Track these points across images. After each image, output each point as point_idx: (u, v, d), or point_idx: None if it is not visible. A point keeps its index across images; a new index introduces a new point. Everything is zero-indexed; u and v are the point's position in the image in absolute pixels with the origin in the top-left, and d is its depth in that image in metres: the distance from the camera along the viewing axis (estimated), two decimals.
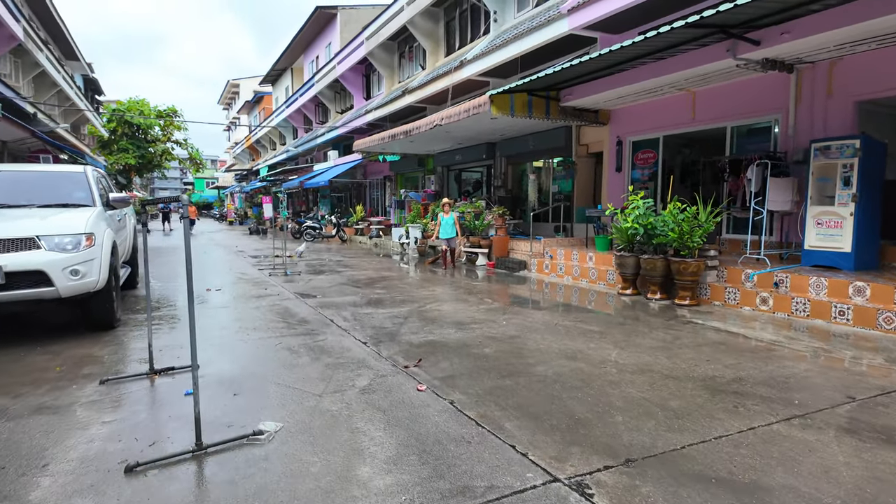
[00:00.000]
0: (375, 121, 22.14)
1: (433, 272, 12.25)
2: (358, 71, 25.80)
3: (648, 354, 5.37)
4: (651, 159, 11.87)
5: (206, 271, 12.10)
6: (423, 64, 20.39)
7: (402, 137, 15.10)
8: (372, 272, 12.00)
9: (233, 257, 15.30)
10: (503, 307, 7.96)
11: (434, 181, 19.83)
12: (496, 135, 15.24)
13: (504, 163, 16.42)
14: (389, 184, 24.06)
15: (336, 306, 7.88)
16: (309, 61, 34.25)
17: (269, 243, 21.03)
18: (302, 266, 13.24)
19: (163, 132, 25.42)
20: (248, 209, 44.15)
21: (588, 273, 10.38)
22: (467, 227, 13.68)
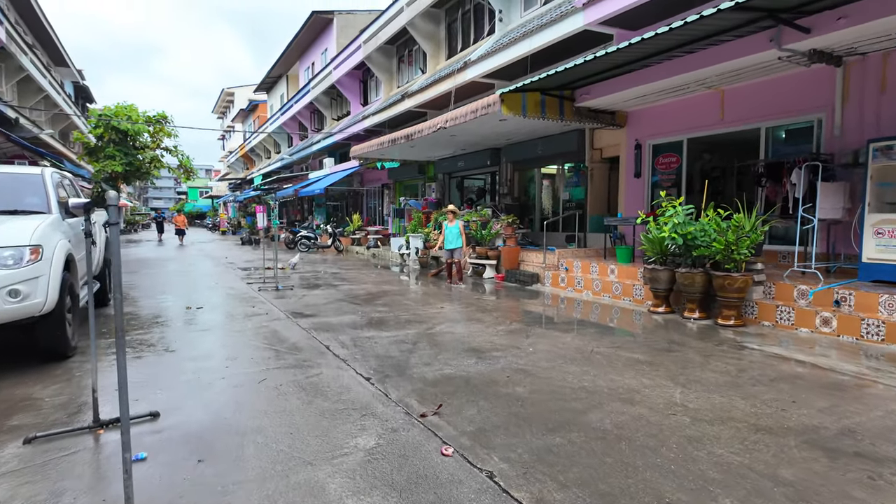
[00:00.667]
0: (373, 127, 21.15)
1: (437, 286, 11.19)
2: (355, 76, 24.85)
3: (718, 393, 4.33)
4: (673, 164, 10.90)
5: (190, 286, 11.00)
6: (423, 68, 19.45)
7: (403, 142, 14.10)
8: (371, 286, 10.93)
9: (221, 270, 14.19)
10: (524, 328, 6.90)
11: (435, 189, 18.82)
12: (502, 139, 14.26)
13: (510, 169, 15.44)
14: (387, 192, 23.04)
15: (332, 328, 6.80)
16: (304, 68, 33.31)
17: (261, 254, 19.90)
18: (295, 279, 12.15)
19: (152, 139, 24.30)
20: (241, 219, 43.00)
21: (611, 287, 9.35)
22: (473, 237, 12.65)
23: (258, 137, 41.55)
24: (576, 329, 6.93)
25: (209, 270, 14.03)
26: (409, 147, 15.62)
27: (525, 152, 14.19)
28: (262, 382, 4.60)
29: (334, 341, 6.10)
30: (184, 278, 12.18)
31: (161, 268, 14.60)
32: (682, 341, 6.20)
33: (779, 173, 8.62)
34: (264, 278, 11.77)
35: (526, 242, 13.04)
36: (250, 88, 48.17)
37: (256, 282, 11.47)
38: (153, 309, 8.22)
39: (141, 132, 23.11)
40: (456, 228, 11.54)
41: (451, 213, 11.97)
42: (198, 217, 59.19)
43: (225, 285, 11.07)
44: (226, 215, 43.10)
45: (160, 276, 12.64)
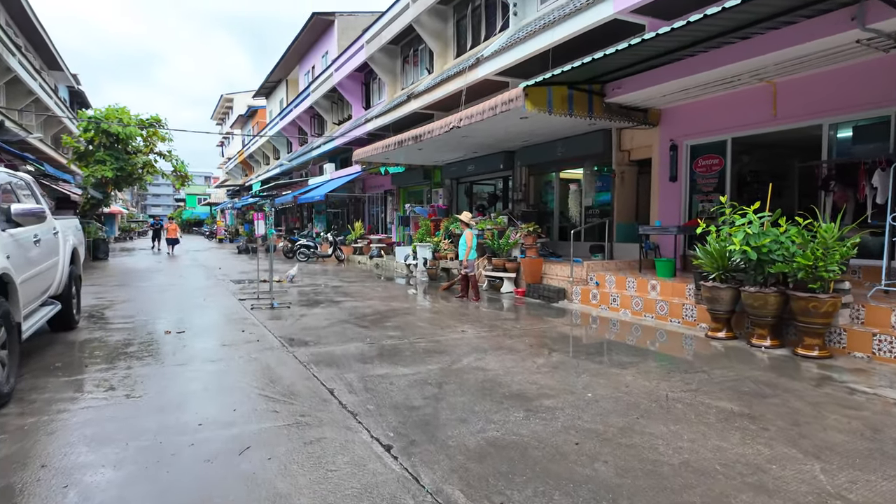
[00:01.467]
0: (376, 130, 19.96)
1: (451, 302, 9.95)
2: (357, 79, 23.71)
3: (871, 470, 3.09)
4: (715, 166, 9.70)
5: (175, 303, 9.74)
6: (429, 68, 18.30)
7: (411, 144, 12.90)
8: (378, 302, 9.69)
9: (212, 284, 12.92)
10: (569, 361, 5.66)
11: (442, 195, 17.60)
12: (518, 141, 13.06)
13: (525, 173, 14.23)
14: (391, 198, 21.83)
15: (337, 362, 5.55)
16: (304, 72, 32.20)
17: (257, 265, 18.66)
18: (293, 294, 10.90)
19: (145, 143, 23.05)
20: (239, 226, 41.74)
21: (654, 306, 8.11)
22: (489, 248, 11.41)
23: (257, 143, 40.39)
24: (632, 362, 5.68)
25: (199, 284, 12.76)
26: (416, 150, 14.43)
27: (543, 155, 12.99)
28: (243, 454, 3.35)
29: (340, 382, 4.85)
30: (170, 293, 10.91)
31: (147, 281, 13.33)
32: (769, 380, 4.95)
33: (851, 176, 7.42)
34: (258, 293, 10.51)
35: (546, 253, 11.80)
36: (249, 94, 47.09)
37: (250, 297, 10.21)
38: (126, 333, 6.96)
39: (133, 136, 21.82)
40: (474, 238, 10.37)
41: (465, 221, 10.77)
42: (196, 224, 57.90)
43: (215, 302, 9.81)
44: (223, 222, 41.84)
45: (144, 290, 11.37)
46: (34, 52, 30.99)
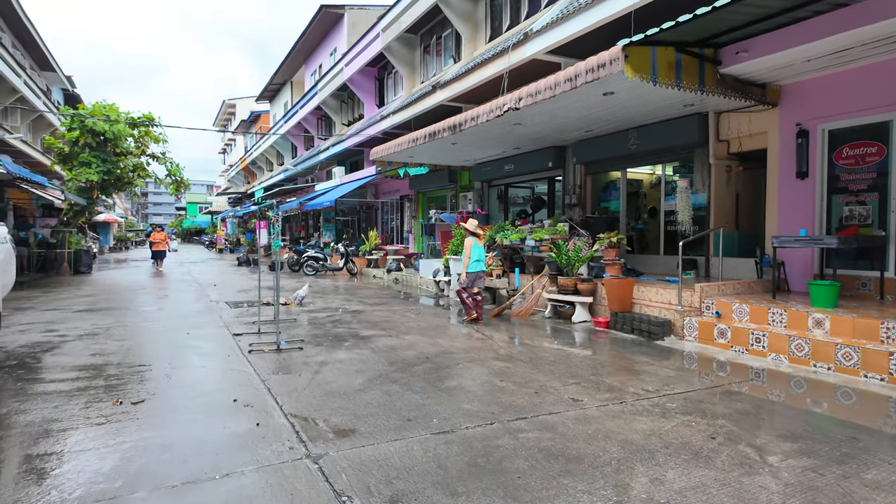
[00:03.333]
0: (393, 128, 17.42)
1: (514, 334, 7.34)
2: (369, 74, 21.23)
3: None
4: (871, 157, 7.14)
5: (148, 341, 7.14)
6: (455, 56, 15.81)
7: (446, 136, 10.34)
8: (420, 338, 7.08)
9: (203, 308, 10.29)
10: (797, 475, 3.05)
11: (472, 199, 15.03)
12: (575, 132, 10.51)
13: (581, 172, 11.65)
14: (409, 204, 19.25)
15: (403, 494, 2.93)
16: (310, 72, 29.75)
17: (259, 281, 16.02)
18: (304, 323, 8.30)
19: (136, 144, 20.50)
20: (240, 235, 39.17)
21: (830, 353, 5.50)
22: (552, 263, 8.82)
23: (260, 149, 37.90)
24: (871, 471, 3.06)
25: (187, 308, 10.12)
26: (448, 145, 11.89)
27: (607, 149, 10.42)
28: None
29: None
30: (146, 325, 8.30)
31: (124, 304, 10.71)
32: None
33: None
34: (260, 324, 7.90)
35: (624, 270, 9.19)
36: (252, 100, 44.71)
37: (249, 332, 7.59)
38: (51, 405, 4.33)
39: (122, 135, 19.27)
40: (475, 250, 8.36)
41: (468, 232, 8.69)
42: (197, 233, 55.24)
43: (201, 340, 7.18)
44: (223, 231, 39.25)
45: (114, 319, 8.76)
46: (23, 49, 28.57)
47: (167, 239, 20.56)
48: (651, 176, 11.17)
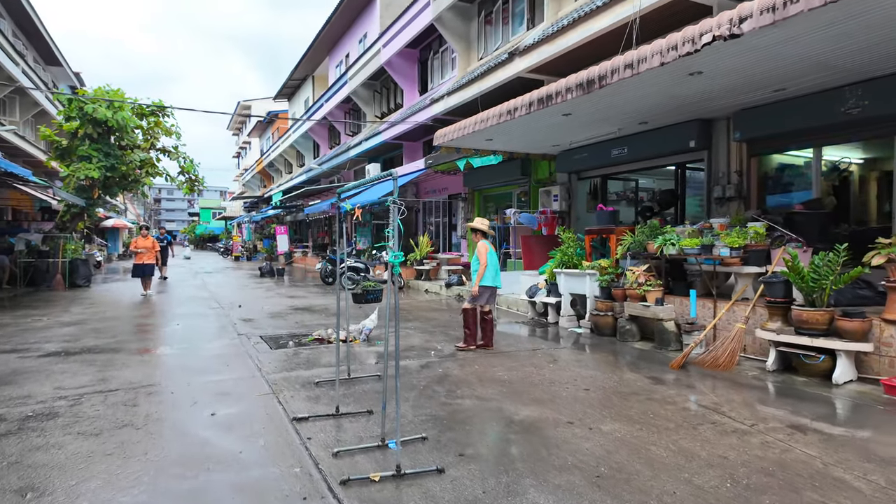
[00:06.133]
0: (446, 113, 14.22)
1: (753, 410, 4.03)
2: (411, 57, 18.04)
3: None
4: None
5: (135, 439, 3.86)
6: (531, 20, 12.58)
7: (571, 98, 7.11)
8: (619, 426, 3.84)
9: (228, 347, 7.02)
10: None
11: (559, 196, 11.72)
12: (757, 91, 7.19)
13: (744, 153, 8.32)
14: (463, 205, 15.96)
15: None
16: (335, 63, 26.63)
17: (295, 300, 12.80)
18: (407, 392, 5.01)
19: (145, 137, 17.38)
20: (257, 242, 36.05)
21: None
22: (780, 285, 5.49)
23: (278, 149, 34.79)
24: None
25: (206, 349, 6.86)
26: (553, 120, 8.62)
27: (798, 116, 7.05)
28: None
29: None
30: (142, 389, 5.05)
31: (120, 335, 7.48)
32: None
33: None
34: (327, 389, 4.61)
35: (865, 293, 5.81)
36: (268, 101, 41.74)
37: (316, 411, 4.30)
38: None
39: (128, 125, 16.14)
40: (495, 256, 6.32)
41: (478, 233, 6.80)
42: (210, 240, 52.15)
43: (236, 434, 3.90)
44: (239, 238, 36.14)
45: (97, 367, 5.51)
46: (25, 39, 25.65)
47: (157, 247, 13.57)
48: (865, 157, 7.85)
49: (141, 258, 12.89)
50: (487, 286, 6.64)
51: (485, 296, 6.66)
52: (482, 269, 6.57)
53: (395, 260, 3.22)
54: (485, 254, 6.57)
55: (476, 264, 6.66)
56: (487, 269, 6.56)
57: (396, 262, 3.23)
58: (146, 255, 12.93)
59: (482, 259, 6.56)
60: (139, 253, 12.92)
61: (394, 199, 3.24)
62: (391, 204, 3.24)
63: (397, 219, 3.28)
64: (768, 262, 6.39)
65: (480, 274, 6.56)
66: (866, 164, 8.47)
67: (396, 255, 3.21)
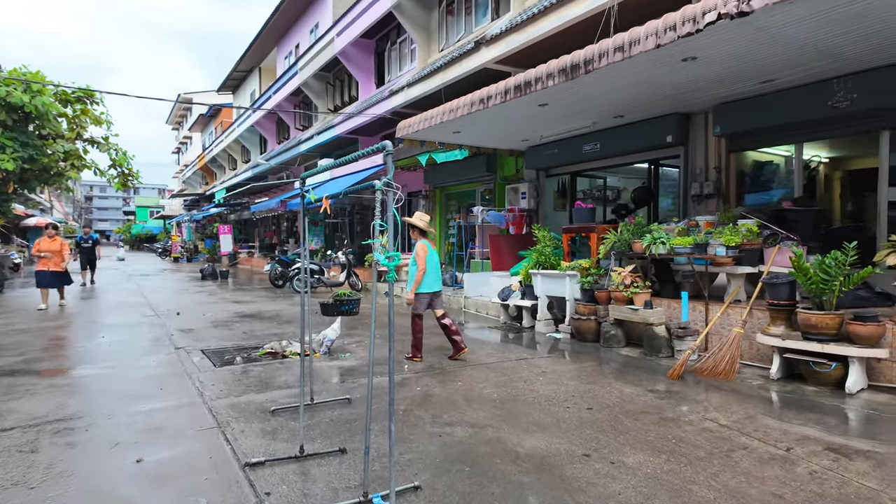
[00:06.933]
0: (407, 106, 13.45)
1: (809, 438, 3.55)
2: (367, 48, 17.13)
3: None
4: None
5: None
6: (496, 10, 12.01)
7: (552, 84, 6.58)
8: (616, 445, 3.21)
9: (163, 365, 6.01)
10: None
11: (526, 193, 11.18)
12: (739, 83, 6.86)
13: (723, 149, 8.00)
14: (424, 203, 15.20)
15: None
16: (284, 55, 25.25)
17: (238, 303, 11.69)
18: (357, 406, 4.21)
19: (70, 125, 15.65)
20: (198, 242, 33.95)
21: None
22: (784, 287, 5.09)
23: (221, 144, 32.88)
24: None
25: (137, 368, 5.81)
26: (528, 111, 8.06)
27: (782, 110, 6.77)
28: None
29: None
30: (37, 443, 4.03)
31: (25, 353, 6.28)
32: None
33: None
34: (286, 418, 3.79)
35: (871, 296, 5.51)
36: (211, 94, 39.45)
37: (274, 452, 3.46)
38: None
39: (49, 112, 14.43)
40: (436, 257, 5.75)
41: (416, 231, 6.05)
42: (147, 240, 48.88)
43: (167, 484, 3.02)
44: (179, 238, 33.91)
45: None
46: None
47: (65, 250, 10.71)
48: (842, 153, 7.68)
49: (45, 264, 10.32)
50: (425, 293, 5.84)
51: (423, 303, 5.87)
52: (419, 273, 5.77)
53: (390, 263, 2.46)
54: (423, 256, 5.77)
55: (413, 268, 5.88)
56: (427, 274, 5.80)
57: (392, 266, 2.47)
58: (52, 261, 10.33)
59: (420, 262, 5.76)
60: (43, 258, 10.38)
61: (388, 181, 2.48)
62: (383, 189, 2.47)
63: (393, 208, 2.52)
64: (760, 262, 6.03)
65: (417, 280, 5.77)
66: (837, 161, 8.37)
67: (392, 255, 2.45)
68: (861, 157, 8.26)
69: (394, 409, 2.62)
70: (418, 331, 5.95)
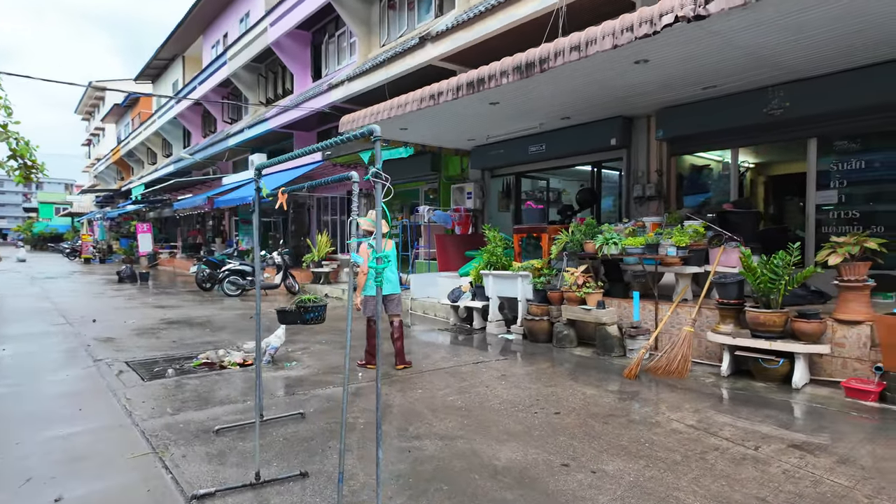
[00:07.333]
0: (347, 101, 13.03)
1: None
2: (303, 39, 16.43)
3: None
4: None
5: None
6: (440, 7, 11.83)
7: (507, 82, 6.49)
8: (592, 453, 3.12)
9: (81, 380, 5.32)
10: None
11: (473, 193, 11.07)
12: (667, 92, 7.08)
13: (665, 153, 8.22)
14: (365, 201, 14.73)
15: None
16: (211, 44, 23.81)
17: (163, 308, 10.80)
18: (321, 426, 3.87)
19: None
20: (113, 241, 31.40)
21: None
22: (733, 286, 5.24)
23: (139, 137, 30.59)
24: None
25: (46, 381, 5.08)
26: (479, 109, 7.93)
27: (723, 116, 7.06)
28: None
29: None
30: None
31: None
32: None
33: None
34: (236, 440, 3.38)
35: (807, 294, 5.80)
36: (128, 84, 36.58)
37: (223, 480, 3.05)
38: None
39: None
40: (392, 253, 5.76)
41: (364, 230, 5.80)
42: (52, 239, 44.54)
43: None
44: (91, 237, 31.17)
45: None
46: None
47: None
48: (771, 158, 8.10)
49: None
50: (371, 296, 5.51)
51: (370, 306, 5.56)
52: (361, 277, 5.52)
53: (379, 265, 2.16)
54: (366, 260, 5.40)
55: (391, 266, 5.60)
56: (369, 277, 5.47)
57: (381, 268, 2.18)
58: None
59: (363, 266, 5.46)
60: None
61: (377, 171, 2.19)
62: (371, 179, 2.18)
63: (382, 203, 2.24)
64: (706, 262, 6.21)
65: (360, 283, 5.53)
66: (766, 166, 8.87)
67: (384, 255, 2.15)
68: (787, 163, 8.80)
69: (381, 432, 2.33)
70: (371, 336, 5.63)
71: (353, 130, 9.40)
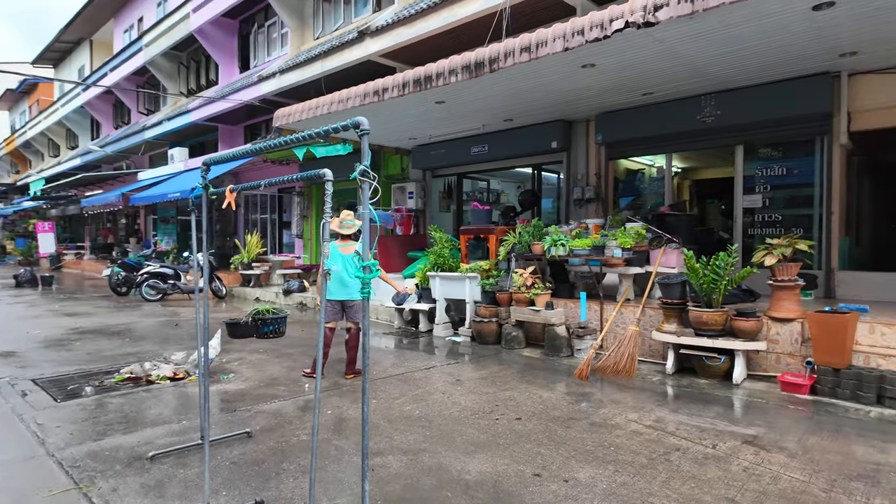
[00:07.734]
0: (279, 94, 12.44)
1: None
2: (230, 28, 15.50)
3: None
4: None
5: None
6: (378, 2, 11.53)
7: (455, 81, 6.36)
8: (561, 460, 3.09)
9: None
10: None
11: (414, 193, 10.85)
12: (606, 97, 7.29)
13: (603, 157, 8.42)
14: (298, 200, 14.09)
15: None
16: (124, 28, 21.98)
17: (73, 315, 9.78)
18: (269, 447, 3.55)
19: None
20: (7, 241, 28.30)
21: None
22: (677, 287, 5.41)
23: (38, 126, 27.74)
24: None
25: None
26: (423, 107, 7.78)
27: (657, 122, 7.35)
28: None
29: None
30: None
31: None
32: None
33: None
34: (206, 492, 3.00)
35: (743, 292, 6.11)
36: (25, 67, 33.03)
37: None
38: None
39: None
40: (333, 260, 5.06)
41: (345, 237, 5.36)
42: None
43: None
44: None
45: None
46: None
47: None
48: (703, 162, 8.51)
49: None
50: (330, 300, 5.20)
51: (327, 312, 5.21)
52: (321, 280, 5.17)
53: (367, 276, 1.94)
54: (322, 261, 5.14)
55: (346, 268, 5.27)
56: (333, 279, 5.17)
57: (369, 278, 1.96)
58: None
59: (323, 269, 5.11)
60: None
61: (365, 168, 1.97)
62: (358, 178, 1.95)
63: (370, 206, 2.01)
64: (647, 263, 6.40)
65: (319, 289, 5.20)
66: (693, 171, 9.34)
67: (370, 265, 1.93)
68: (714, 168, 9.31)
69: (367, 463, 2.09)
70: (325, 344, 5.31)
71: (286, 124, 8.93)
